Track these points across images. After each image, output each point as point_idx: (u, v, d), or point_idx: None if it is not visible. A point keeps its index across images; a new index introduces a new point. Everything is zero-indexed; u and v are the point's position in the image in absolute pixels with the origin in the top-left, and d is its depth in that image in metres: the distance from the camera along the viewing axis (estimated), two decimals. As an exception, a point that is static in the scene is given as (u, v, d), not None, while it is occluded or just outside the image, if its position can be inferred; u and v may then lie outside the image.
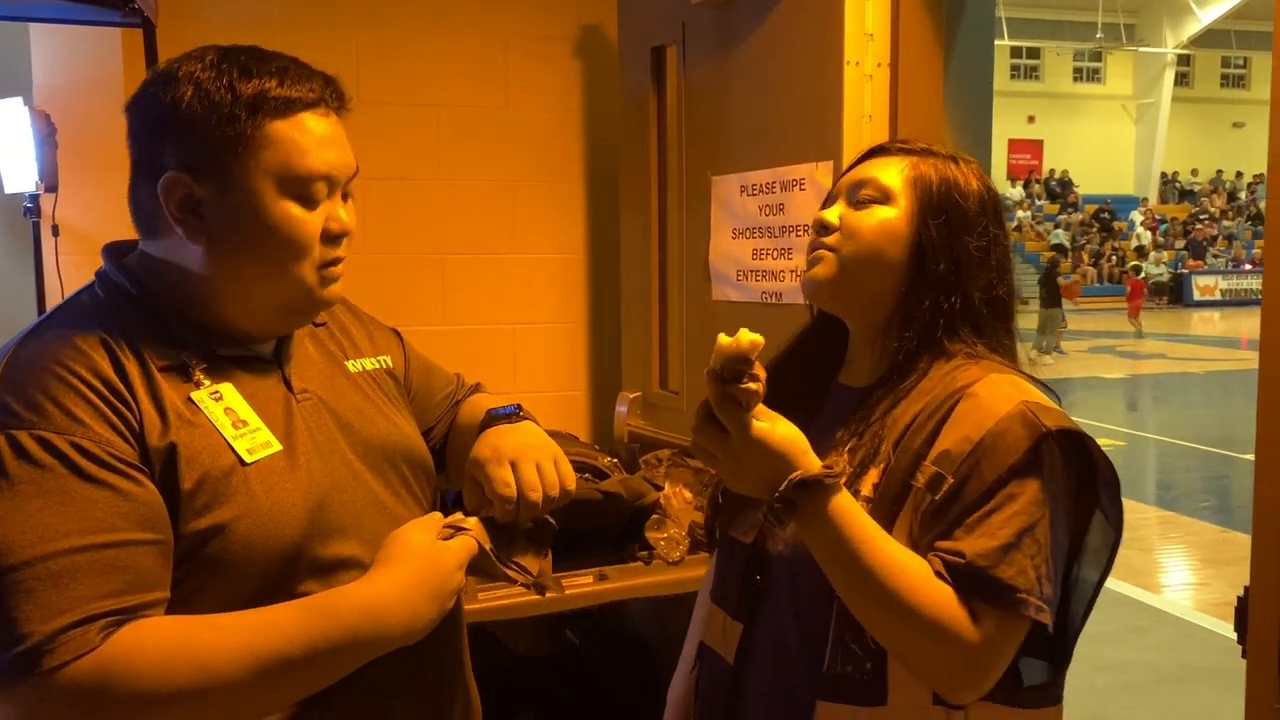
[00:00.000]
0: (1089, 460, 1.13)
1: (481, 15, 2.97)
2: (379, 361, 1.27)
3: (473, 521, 1.10)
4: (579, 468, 2.32)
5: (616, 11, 2.90)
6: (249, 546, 1.01)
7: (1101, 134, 31.48)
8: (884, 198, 1.21)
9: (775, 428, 1.07)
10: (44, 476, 0.94)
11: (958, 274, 1.20)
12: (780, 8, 2.27)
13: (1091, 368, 14.20)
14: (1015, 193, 29.91)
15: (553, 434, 1.63)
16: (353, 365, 1.23)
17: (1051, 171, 31.17)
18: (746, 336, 1.03)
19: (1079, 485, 1.13)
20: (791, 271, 2.25)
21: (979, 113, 2.27)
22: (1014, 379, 1.16)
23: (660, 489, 2.36)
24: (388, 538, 1.06)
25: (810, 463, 1.08)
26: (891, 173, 1.23)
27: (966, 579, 1.06)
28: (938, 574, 1.06)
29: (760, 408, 1.06)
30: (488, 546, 1.09)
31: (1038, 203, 30.17)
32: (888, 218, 1.21)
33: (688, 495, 2.35)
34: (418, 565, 1.03)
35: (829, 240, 1.22)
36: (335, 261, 1.10)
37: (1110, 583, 1.21)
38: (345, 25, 2.81)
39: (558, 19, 3.04)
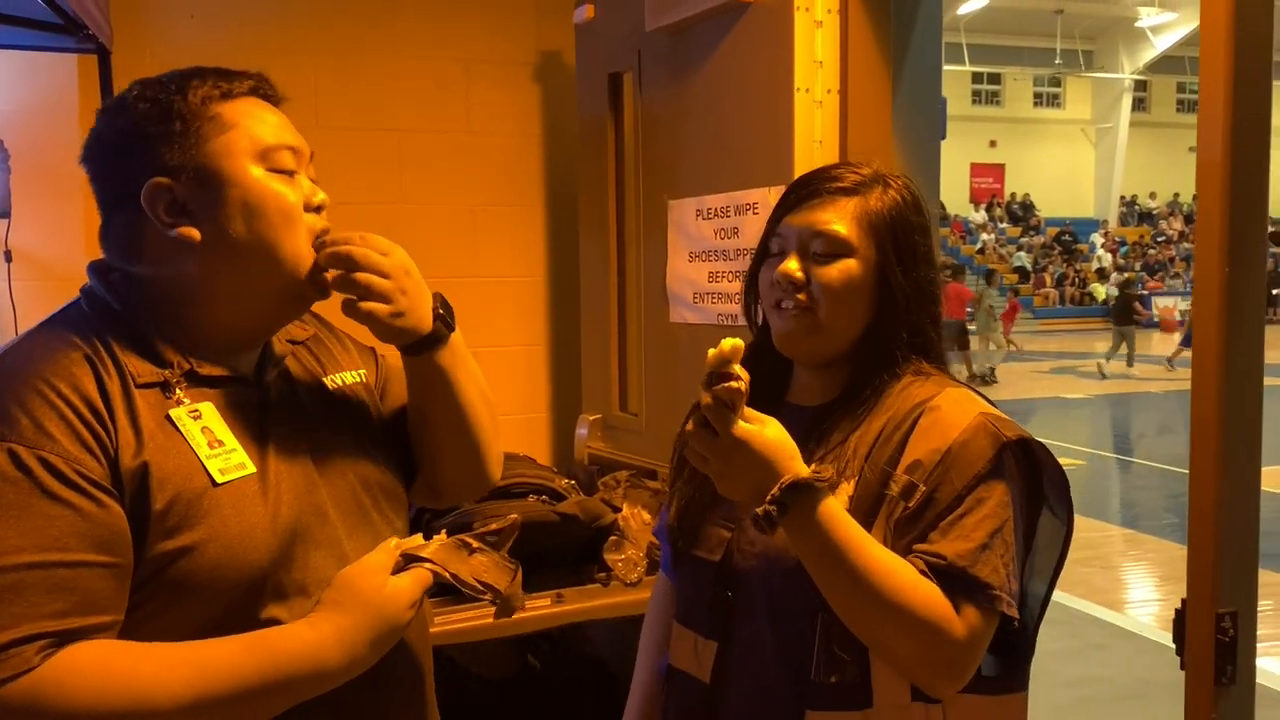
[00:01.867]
0: (1036, 464, 1.19)
1: (442, 40, 2.98)
2: (357, 375, 1.26)
3: (433, 547, 1.10)
4: (536, 489, 2.32)
5: (574, 38, 2.92)
6: (216, 570, 1.00)
7: (1062, 157, 32.05)
8: (844, 250, 1.24)
9: (764, 430, 1.11)
10: (5, 489, 0.94)
11: (916, 305, 1.25)
12: (732, 35, 2.30)
13: (1054, 388, 14.42)
14: (978, 216, 30.34)
15: (510, 456, 1.64)
16: (331, 381, 1.22)
17: (1013, 195, 31.66)
18: (728, 342, 1.09)
19: (1032, 489, 1.20)
20: (747, 294, 2.29)
21: (928, 135, 2.33)
22: (968, 393, 1.22)
23: (618, 510, 2.36)
24: (337, 576, 1.05)
25: (799, 467, 1.11)
26: (844, 221, 1.24)
27: (950, 578, 1.11)
28: (922, 573, 1.11)
29: (750, 411, 1.10)
30: (450, 570, 1.09)
31: (1000, 225, 30.62)
32: (853, 271, 1.24)
33: (646, 516, 2.38)
34: (361, 612, 1.03)
35: (803, 299, 1.24)
36: (323, 235, 1.10)
37: (1072, 601, 1.26)
38: (304, 51, 2.82)
39: (517, 44, 3.06)
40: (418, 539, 1.11)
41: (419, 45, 2.95)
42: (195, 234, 1.06)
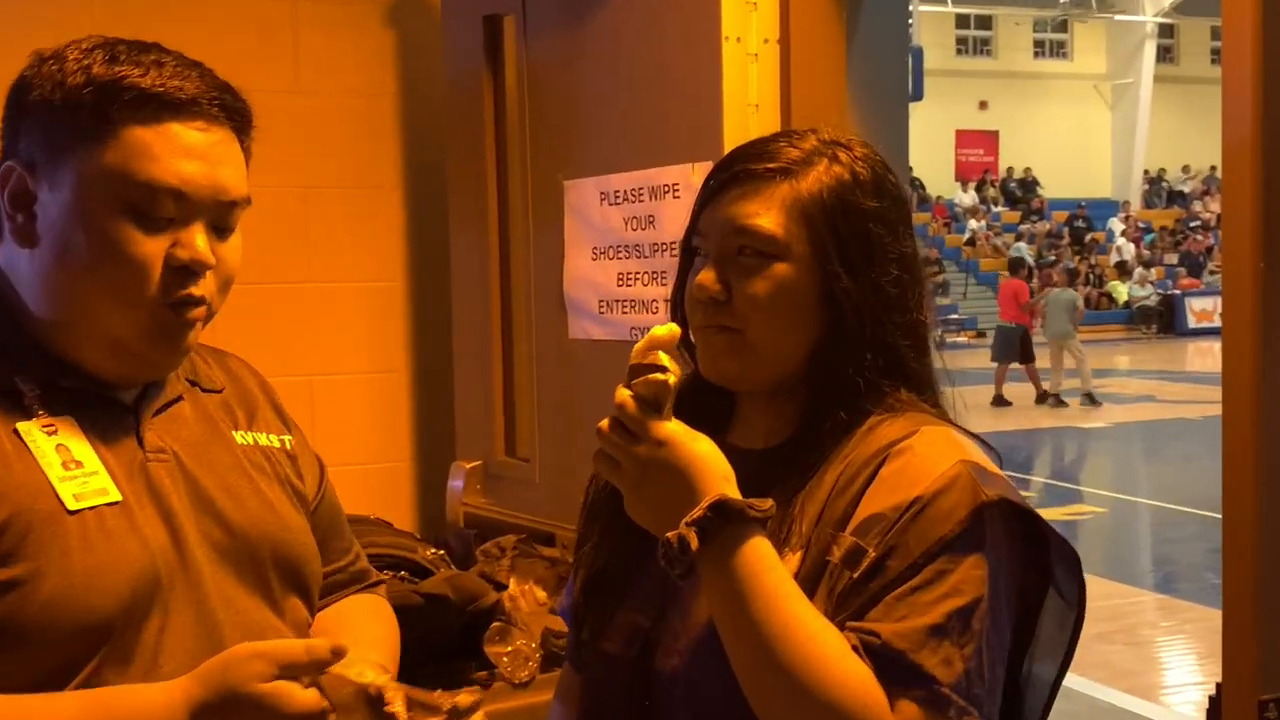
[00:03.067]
0: (1037, 534, 1.21)
1: (260, -27, 2.98)
2: (281, 441, 1.34)
3: (370, 677, 1.15)
4: (392, 564, 2.31)
5: (438, -34, 2.96)
6: (50, 611, 1.04)
7: (1071, 122, 32.82)
8: (773, 251, 1.25)
9: (694, 441, 1.16)
10: None
11: (875, 317, 1.26)
12: (643, -33, 2.34)
13: (1065, 415, 14.75)
14: (966, 197, 31.00)
15: (355, 520, 1.64)
16: (241, 436, 1.30)
17: (1010, 170, 32.45)
18: (660, 329, 1.17)
19: (1026, 563, 1.21)
20: (667, 301, 2.27)
21: (895, 97, 2.38)
22: (949, 433, 1.24)
23: (503, 588, 2.35)
24: (218, 658, 1.08)
25: (730, 489, 1.15)
26: (770, 213, 1.26)
27: (885, 662, 1.11)
28: (854, 649, 1.12)
29: (680, 423, 1.16)
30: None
31: (994, 210, 31.40)
32: (785, 278, 1.26)
33: (540, 595, 2.36)
34: (231, 705, 1.05)
35: (727, 320, 1.27)
36: (188, 301, 1.16)
37: (1092, 686, 1.28)
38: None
39: (362, -27, 3.07)
40: (364, 665, 1.15)
41: (230, -21, 2.95)
42: (29, 242, 1.15)
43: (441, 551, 2.51)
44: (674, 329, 1.17)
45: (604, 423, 1.17)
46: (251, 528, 1.23)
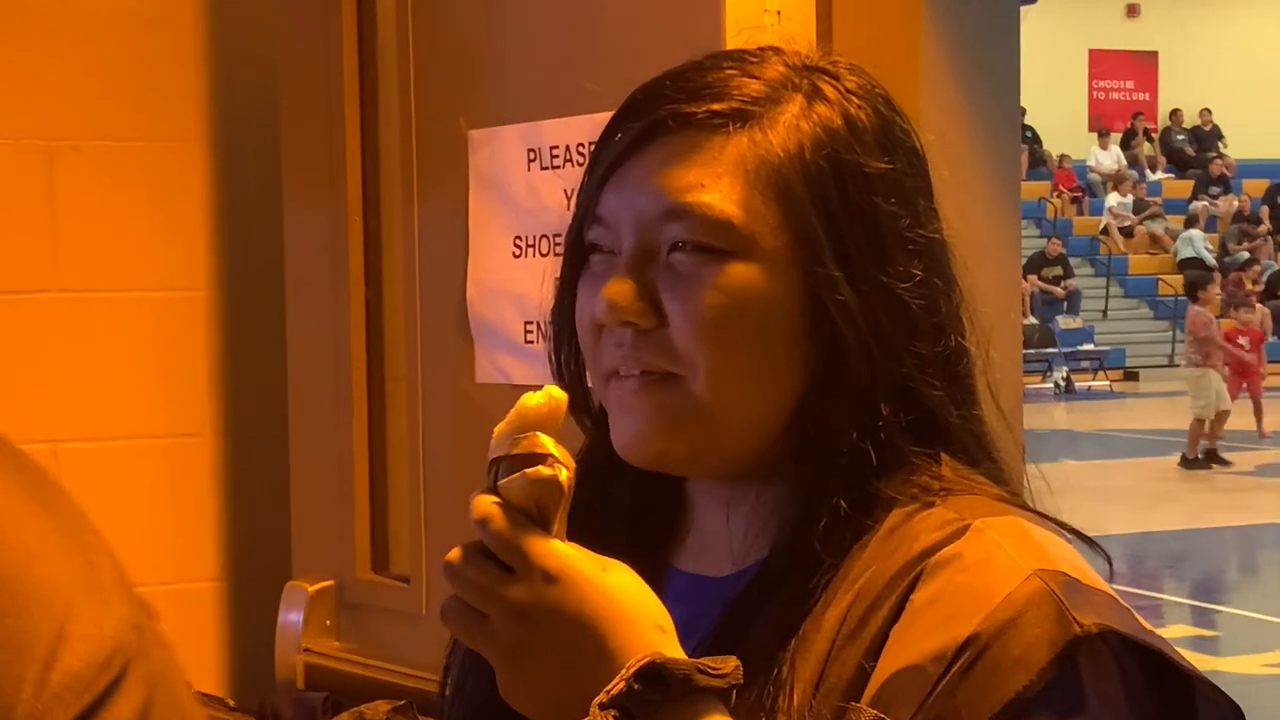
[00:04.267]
0: (1172, 683, 1.21)
1: None
2: None
3: None
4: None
5: None
6: None
7: (1269, 40, 33.13)
8: (726, 244, 1.26)
9: (603, 572, 1.17)
10: None
11: (891, 345, 1.27)
12: None
13: (1267, 506, 14.90)
14: (1106, 157, 31.30)
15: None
16: None
17: (1175, 115, 32.87)
18: (533, 398, 1.17)
19: None
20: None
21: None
22: (1017, 525, 1.25)
23: (366, 786, 2.36)
24: None
25: (666, 644, 1.16)
26: (720, 184, 1.27)
27: None
28: None
29: (572, 545, 1.17)
30: None
31: (1149, 176, 31.73)
32: (748, 285, 1.26)
33: (425, 797, 2.39)
34: None
35: (657, 362, 1.27)
36: None
37: None
38: None
39: None
40: None
41: None
42: None
43: (267, 728, 2.46)
44: (556, 395, 1.18)
45: (454, 553, 1.17)
46: None
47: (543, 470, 1.14)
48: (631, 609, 1.17)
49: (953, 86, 2.25)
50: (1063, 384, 24.82)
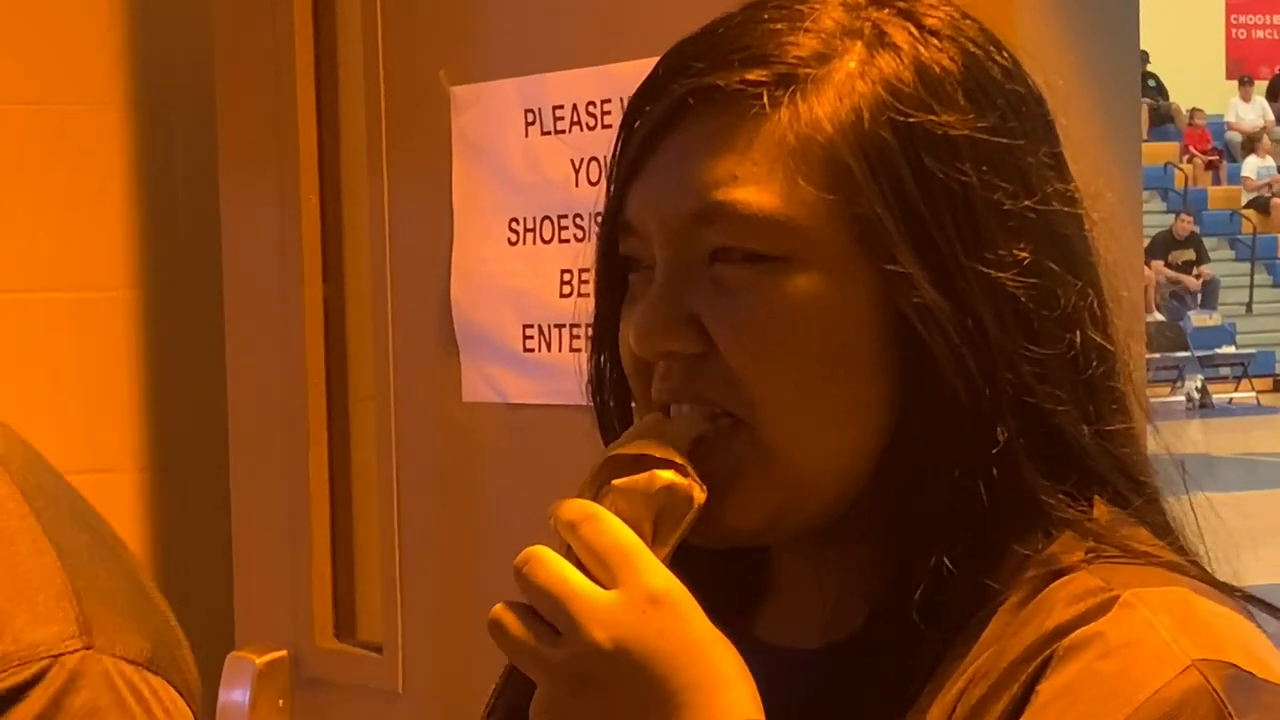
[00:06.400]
0: None
1: None
2: None
3: None
4: None
5: None
6: None
7: None
8: (778, 248, 1.26)
9: (696, 616, 1.19)
10: None
11: (997, 354, 1.26)
12: None
13: None
14: (1249, 111, 31.55)
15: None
16: None
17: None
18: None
19: None
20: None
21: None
22: (1178, 595, 1.24)
23: None
24: None
25: (751, 711, 1.19)
26: (757, 169, 1.26)
27: None
28: None
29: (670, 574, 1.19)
30: None
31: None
32: (807, 297, 1.26)
33: None
34: None
35: (712, 391, 1.28)
36: None
37: None
38: None
39: None
40: None
41: None
42: None
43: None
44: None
45: (534, 552, 1.17)
46: None
47: (678, 476, 1.17)
48: (730, 671, 1.18)
49: (1057, 24, 2.25)
50: (1196, 396, 24.86)
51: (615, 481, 1.20)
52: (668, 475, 1.19)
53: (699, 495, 1.19)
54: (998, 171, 1.26)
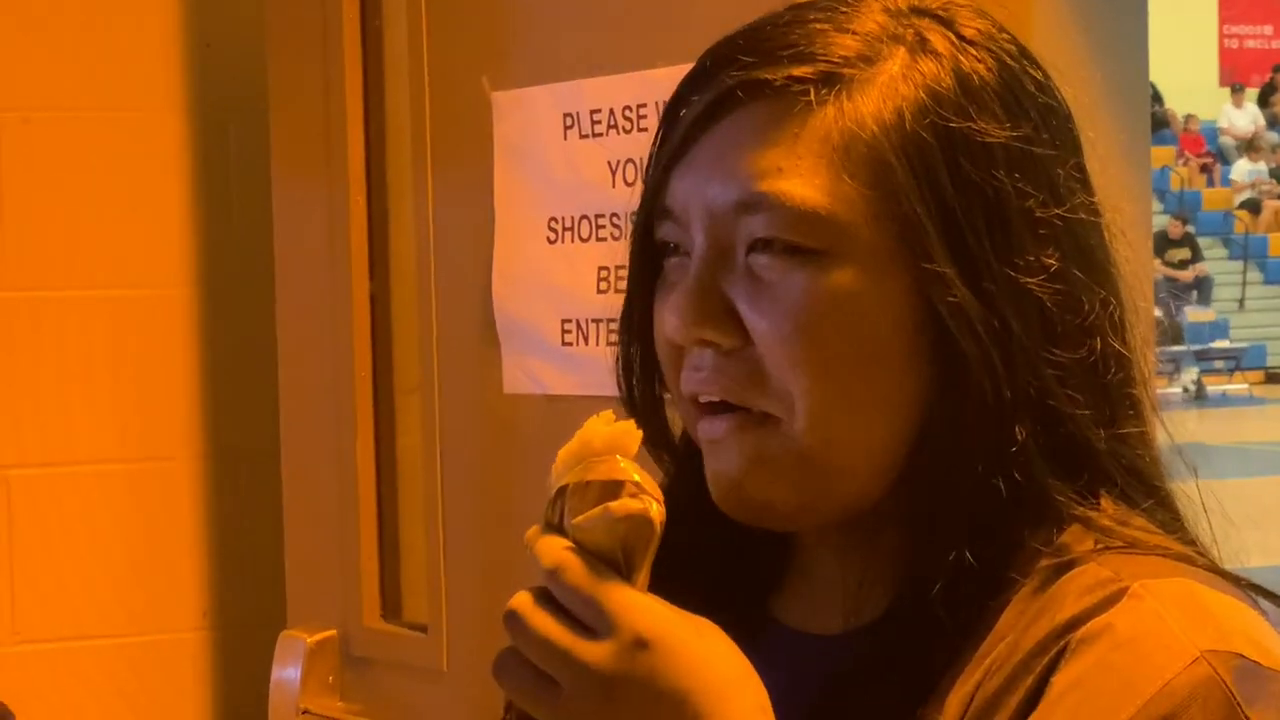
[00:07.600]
0: None
1: None
2: None
3: None
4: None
5: None
6: None
7: None
8: (819, 242, 1.25)
9: (697, 637, 1.18)
10: None
11: (1024, 357, 1.26)
12: None
13: None
14: (1241, 117, 31.12)
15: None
16: None
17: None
18: (601, 417, 1.18)
19: None
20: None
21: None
22: (1186, 586, 1.24)
23: None
24: None
25: None
26: (803, 162, 1.25)
27: None
28: None
29: (659, 599, 1.18)
30: None
31: (1295, 138, 31.57)
32: (845, 291, 1.26)
33: None
34: None
35: (741, 387, 1.27)
36: None
37: None
38: None
39: None
40: None
41: None
42: None
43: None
44: (633, 429, 1.19)
45: (521, 599, 1.17)
46: None
47: (630, 504, 1.13)
48: (733, 685, 1.17)
49: (1071, 43, 2.25)
50: (1192, 388, 24.55)
51: (575, 520, 1.15)
52: (624, 507, 1.15)
53: (657, 513, 1.15)
54: (1030, 180, 1.26)
